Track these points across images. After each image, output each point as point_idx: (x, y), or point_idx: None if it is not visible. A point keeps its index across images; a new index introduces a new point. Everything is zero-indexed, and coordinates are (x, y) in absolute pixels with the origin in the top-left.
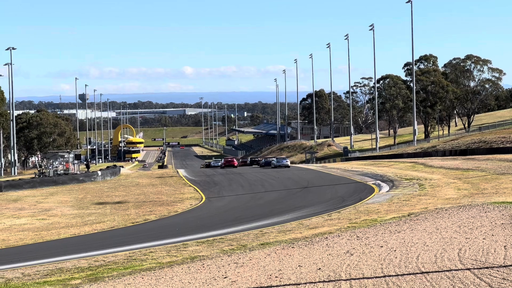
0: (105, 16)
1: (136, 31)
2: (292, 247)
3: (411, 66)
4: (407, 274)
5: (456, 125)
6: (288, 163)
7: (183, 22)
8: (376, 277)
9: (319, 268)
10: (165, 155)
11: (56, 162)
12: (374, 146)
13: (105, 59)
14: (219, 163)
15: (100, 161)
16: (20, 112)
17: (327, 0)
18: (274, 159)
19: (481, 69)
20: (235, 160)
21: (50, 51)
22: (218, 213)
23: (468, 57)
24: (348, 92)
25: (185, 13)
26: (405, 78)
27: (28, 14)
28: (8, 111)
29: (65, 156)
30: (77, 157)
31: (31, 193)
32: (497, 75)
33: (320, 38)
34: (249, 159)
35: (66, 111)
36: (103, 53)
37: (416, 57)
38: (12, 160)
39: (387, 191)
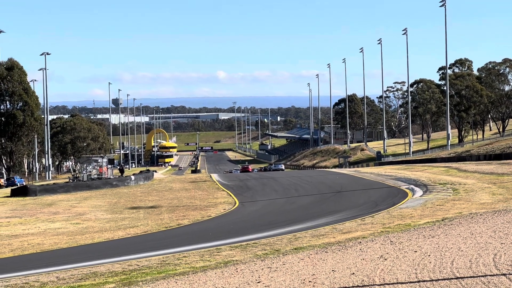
0: (138, 24)
1: (169, 38)
2: (326, 252)
3: (445, 70)
4: (442, 279)
5: (490, 130)
6: (283, 167)
7: (216, 30)
8: (410, 282)
9: (353, 273)
10: (198, 160)
11: (90, 167)
12: (407, 151)
13: (138, 64)
14: (238, 171)
15: (133, 166)
16: (55, 117)
17: (360, 5)
18: (273, 165)
19: None
20: (250, 167)
21: (84, 56)
22: (251, 217)
23: (505, 61)
24: (381, 96)
25: (219, 21)
26: (438, 82)
27: (63, 21)
28: (43, 116)
29: (99, 160)
30: (111, 161)
31: (65, 198)
32: None
33: (353, 43)
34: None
35: (99, 116)
36: (136, 58)
37: (451, 61)
38: (47, 165)
39: (420, 196)
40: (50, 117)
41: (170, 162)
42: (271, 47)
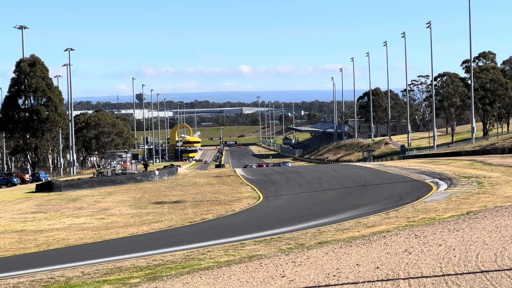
0: (162, 19)
1: (192, 32)
2: (350, 246)
3: (468, 63)
4: (467, 273)
5: None
6: (289, 164)
7: (239, 24)
8: (435, 276)
9: (377, 267)
10: (222, 154)
11: (114, 162)
12: (431, 144)
13: (161, 59)
14: (254, 166)
15: (157, 161)
16: (79, 112)
17: None
18: (281, 163)
19: None
20: (264, 164)
21: (108, 51)
22: (275, 212)
23: None
24: (405, 90)
25: (242, 15)
26: (463, 76)
27: (87, 17)
28: (67, 112)
29: (123, 155)
30: (135, 156)
31: (89, 193)
32: None
33: (376, 37)
34: (270, 164)
35: (123, 111)
36: (160, 53)
37: (475, 54)
38: (71, 160)
39: (445, 189)
40: (74, 113)
41: (194, 156)
42: (294, 41)
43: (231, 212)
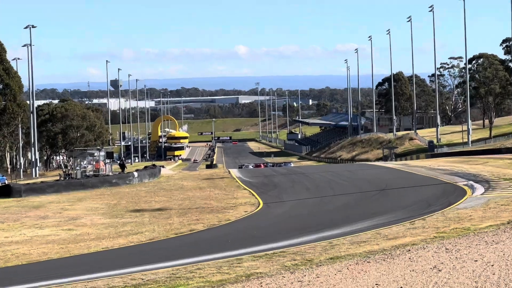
0: None
1: (178, 5)
2: (368, 262)
3: (509, 42)
4: None
5: None
6: (292, 165)
7: None
8: None
9: (401, 287)
10: (215, 152)
11: (85, 162)
12: (465, 140)
13: (141, 37)
14: (250, 166)
15: (137, 160)
16: (42, 102)
17: None
18: (283, 164)
19: None
20: (262, 165)
21: (77, 29)
22: (278, 221)
23: None
24: (433, 75)
25: None
26: (502, 57)
27: None
28: (28, 102)
29: (95, 154)
30: (109, 155)
31: (55, 199)
32: None
33: (399, 11)
34: (270, 164)
35: (95, 101)
36: (139, 30)
37: None
38: (33, 160)
39: (481, 194)
40: (37, 103)
41: (180, 155)
42: (300, 17)
43: (225, 222)
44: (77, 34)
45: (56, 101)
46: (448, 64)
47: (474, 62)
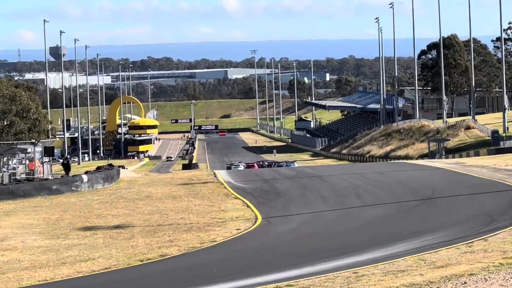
0: None
1: None
2: None
3: None
4: None
5: None
6: (295, 164)
7: None
8: None
9: None
10: (195, 148)
11: (14, 161)
12: None
13: None
14: (241, 166)
15: (86, 158)
16: None
17: None
18: (283, 163)
19: None
20: (256, 164)
21: None
22: (283, 242)
23: None
24: (498, 39)
25: None
26: None
27: None
28: None
29: (29, 150)
30: (49, 151)
31: None
32: None
33: None
34: (266, 162)
35: (29, 76)
36: None
37: None
38: None
39: None
40: None
41: (147, 151)
42: None
43: (209, 244)
44: None
45: None
46: None
47: None
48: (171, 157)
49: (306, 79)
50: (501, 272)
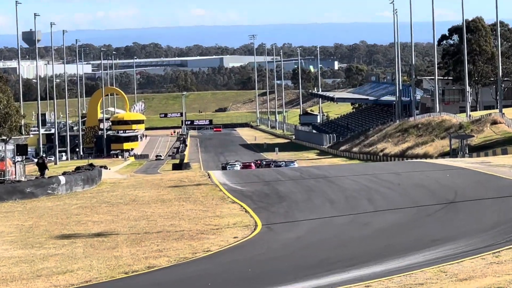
0: None
1: None
2: None
3: None
4: None
5: None
6: (296, 164)
7: None
8: None
9: None
10: (186, 145)
11: None
12: None
13: None
14: (236, 166)
15: (64, 158)
16: None
17: None
18: (282, 162)
19: None
20: (253, 164)
21: None
22: (287, 253)
23: None
24: None
25: None
26: None
27: None
28: None
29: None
30: (21, 149)
31: None
32: None
33: None
34: (264, 161)
35: None
36: None
37: None
38: None
39: None
40: None
41: (132, 149)
42: None
43: (202, 254)
44: None
45: None
46: None
47: None
48: (160, 156)
49: (311, 68)
50: None
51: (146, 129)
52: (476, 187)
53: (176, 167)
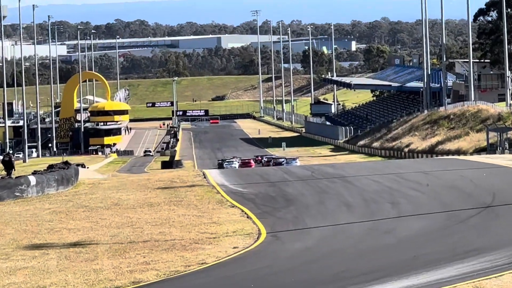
0: None
1: None
2: None
3: None
4: None
5: None
6: (298, 162)
7: None
8: None
9: None
10: (178, 139)
11: None
12: None
13: None
14: (233, 164)
15: (35, 154)
16: None
17: None
18: (283, 159)
19: None
20: (252, 161)
21: None
22: (295, 265)
23: None
24: None
25: None
26: None
27: None
28: None
29: None
30: None
31: None
32: None
33: None
34: (265, 158)
35: None
36: None
37: None
38: None
39: None
40: None
41: (115, 144)
42: None
43: (196, 267)
44: None
45: None
46: None
47: None
48: (150, 151)
49: (325, 49)
50: None
51: (131, 120)
52: None
53: (166, 165)
